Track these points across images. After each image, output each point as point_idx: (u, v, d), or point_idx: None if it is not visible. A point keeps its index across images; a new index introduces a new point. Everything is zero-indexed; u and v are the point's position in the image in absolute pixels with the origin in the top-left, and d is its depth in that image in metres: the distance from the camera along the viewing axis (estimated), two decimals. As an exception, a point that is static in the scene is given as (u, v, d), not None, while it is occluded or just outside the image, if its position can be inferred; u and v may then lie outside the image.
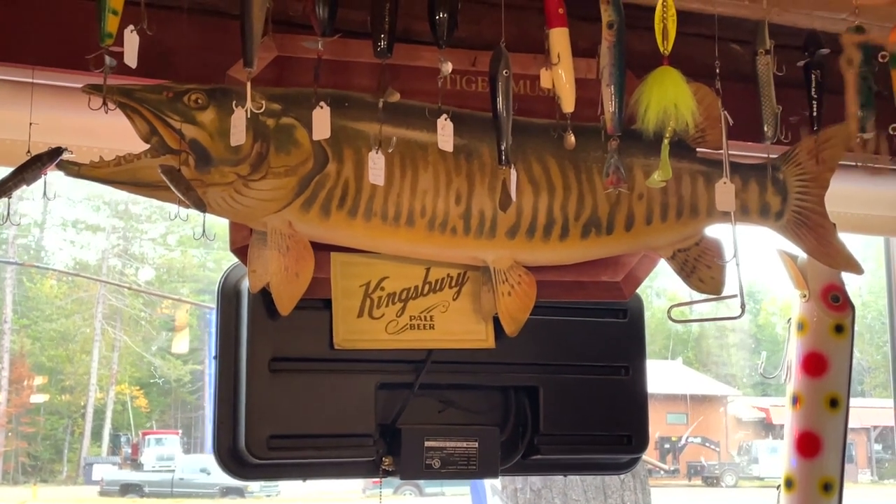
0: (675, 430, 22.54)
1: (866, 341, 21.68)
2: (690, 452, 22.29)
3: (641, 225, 2.11)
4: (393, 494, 17.37)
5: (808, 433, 2.28)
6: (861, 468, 22.55)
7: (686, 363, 25.88)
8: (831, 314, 2.31)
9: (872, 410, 19.29)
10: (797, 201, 2.22)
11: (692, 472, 21.41)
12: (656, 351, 24.05)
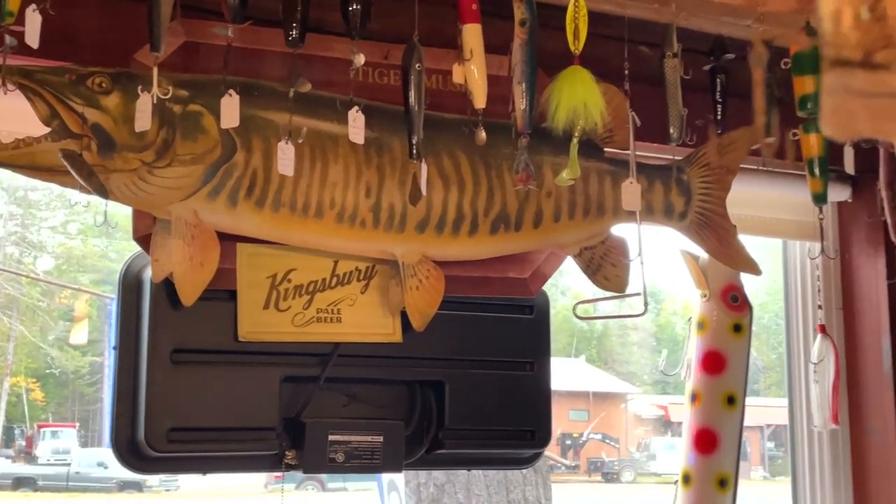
0: (577, 426, 22.87)
1: (763, 342, 22.34)
2: (591, 449, 22.64)
3: (549, 222, 2.13)
4: (295, 490, 17.21)
5: (706, 430, 2.33)
6: (754, 465, 23.22)
7: (589, 361, 26.28)
8: (730, 314, 2.36)
9: (766, 409, 19.87)
10: (700, 202, 2.27)
11: (592, 468, 21.75)
12: (560, 349, 24.36)
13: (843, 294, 2.75)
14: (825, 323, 2.60)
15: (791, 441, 2.75)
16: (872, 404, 2.65)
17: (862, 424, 2.68)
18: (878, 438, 2.63)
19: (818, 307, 2.57)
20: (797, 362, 2.71)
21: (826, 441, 2.69)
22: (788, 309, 2.76)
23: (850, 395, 2.70)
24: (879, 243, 2.59)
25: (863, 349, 2.68)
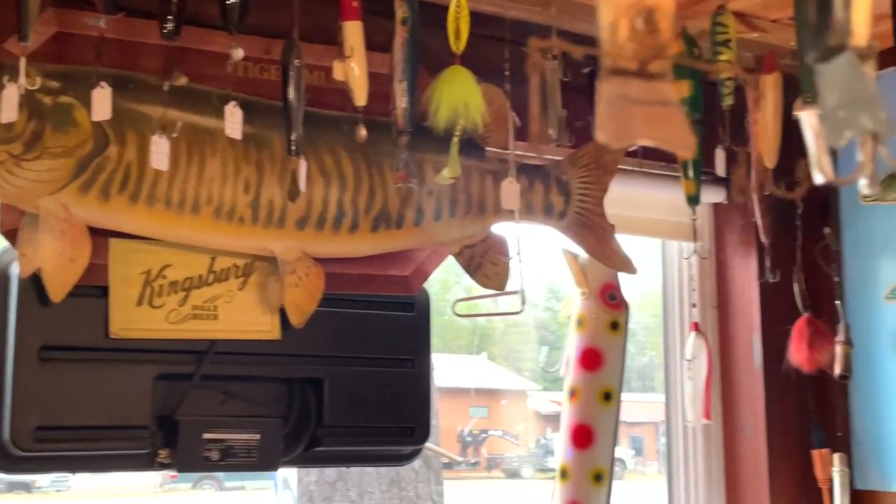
0: (478, 422, 23.01)
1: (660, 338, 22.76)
2: (491, 445, 22.81)
3: (431, 220, 2.14)
4: (192, 488, 16.91)
5: (583, 425, 2.38)
6: (649, 460, 23.73)
7: (490, 358, 26.45)
8: (608, 311, 2.41)
9: (661, 406, 20.28)
10: (579, 202, 2.31)
11: (493, 465, 21.91)
12: (462, 346, 24.45)
13: (717, 293, 2.83)
14: (699, 321, 2.68)
15: (667, 436, 2.82)
16: (744, 400, 2.74)
17: (734, 420, 2.76)
18: (749, 433, 2.72)
19: (692, 306, 2.65)
20: (673, 360, 2.78)
21: (700, 436, 2.77)
22: (666, 307, 2.83)
23: (723, 392, 2.78)
24: (752, 244, 2.67)
25: (736, 347, 2.77)
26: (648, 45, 0.68)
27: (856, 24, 0.67)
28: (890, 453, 2.58)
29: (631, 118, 0.67)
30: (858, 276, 2.68)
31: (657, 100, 0.68)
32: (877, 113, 0.69)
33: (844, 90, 0.69)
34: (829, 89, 0.71)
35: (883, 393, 2.61)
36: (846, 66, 0.68)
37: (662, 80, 0.69)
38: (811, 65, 0.70)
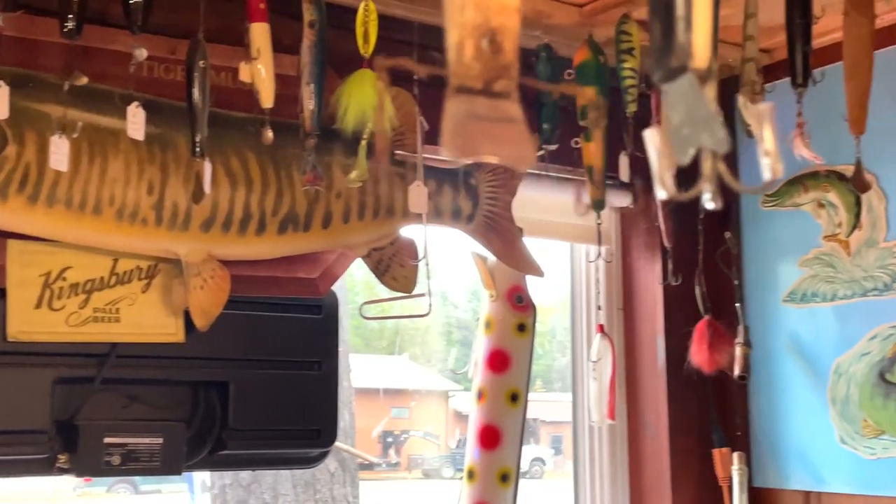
0: (399, 423, 23.01)
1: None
2: (412, 446, 22.83)
3: (339, 223, 2.15)
4: (106, 493, 16.59)
5: (490, 426, 2.40)
6: (567, 459, 24.01)
7: (413, 359, 26.50)
8: (515, 314, 2.44)
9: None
10: (487, 206, 2.34)
11: (413, 465, 21.93)
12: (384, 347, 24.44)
13: (623, 296, 2.88)
14: (605, 323, 2.73)
15: (573, 436, 2.86)
16: (648, 400, 2.80)
17: (638, 420, 2.82)
18: (652, 432, 2.78)
19: (598, 308, 2.70)
20: (580, 361, 2.83)
21: (605, 436, 2.82)
22: (573, 310, 2.88)
23: (628, 392, 2.84)
24: (656, 248, 2.73)
25: (641, 348, 2.83)
26: (493, 65, 0.70)
27: (696, 47, 0.70)
28: (787, 452, 2.67)
29: (476, 134, 0.69)
30: (758, 280, 2.76)
31: (501, 117, 0.71)
32: (715, 132, 0.72)
33: (686, 110, 0.72)
34: (673, 108, 0.74)
35: (780, 393, 2.69)
36: (687, 87, 0.71)
37: (507, 98, 0.71)
38: (658, 84, 0.73)
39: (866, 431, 2.48)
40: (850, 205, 2.54)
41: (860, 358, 2.50)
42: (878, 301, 2.48)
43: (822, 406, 2.58)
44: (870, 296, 2.49)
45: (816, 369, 2.60)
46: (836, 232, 2.58)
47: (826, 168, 2.55)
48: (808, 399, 2.62)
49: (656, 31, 0.71)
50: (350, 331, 5.63)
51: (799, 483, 2.63)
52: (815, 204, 2.63)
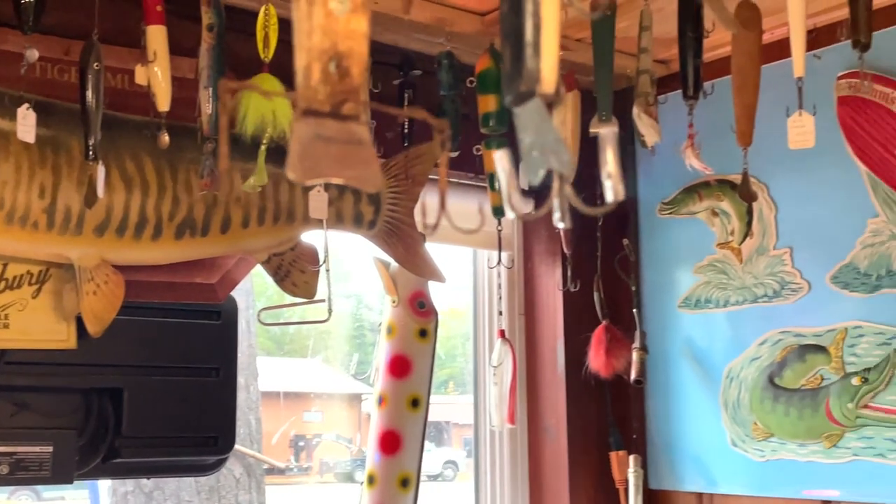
0: (311, 427, 22.85)
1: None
2: (324, 449, 22.70)
3: (238, 228, 2.13)
4: (7, 500, 16.11)
5: (391, 432, 2.41)
6: (481, 461, 24.11)
7: (325, 361, 26.35)
8: (417, 319, 2.45)
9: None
10: (389, 212, 2.35)
11: (325, 469, 21.81)
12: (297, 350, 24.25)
13: (525, 301, 2.92)
14: (507, 328, 2.76)
15: (474, 439, 2.89)
16: (548, 404, 2.84)
17: (538, 423, 2.86)
18: (552, 436, 2.82)
19: (499, 313, 2.72)
20: (482, 365, 2.85)
21: (506, 439, 2.85)
22: (476, 315, 2.90)
23: (528, 396, 2.87)
24: (557, 254, 2.77)
25: (541, 353, 2.86)
26: (340, 89, 0.71)
27: (544, 73, 0.72)
28: (681, 454, 2.73)
29: (322, 157, 0.70)
30: (655, 286, 2.82)
31: (348, 140, 0.72)
32: (561, 155, 0.75)
33: (535, 133, 0.74)
34: (524, 131, 0.76)
35: (675, 397, 2.75)
36: (535, 111, 0.73)
37: (355, 121, 0.72)
38: (508, 107, 0.75)
39: (756, 434, 2.55)
40: (742, 214, 2.61)
41: (751, 363, 2.58)
42: (767, 307, 2.55)
43: (714, 409, 2.65)
44: (760, 302, 2.57)
45: (709, 374, 2.67)
46: (728, 240, 2.66)
47: (719, 178, 2.62)
48: (701, 403, 2.69)
49: (507, 56, 0.73)
50: (261, 334, 5.58)
51: (693, 485, 2.70)
52: (709, 212, 2.70)
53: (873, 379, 2.32)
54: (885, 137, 2.33)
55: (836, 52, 2.34)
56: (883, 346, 2.31)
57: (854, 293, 2.38)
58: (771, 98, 2.08)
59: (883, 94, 2.33)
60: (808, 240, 2.49)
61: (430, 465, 4.76)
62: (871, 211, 2.36)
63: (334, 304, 2.38)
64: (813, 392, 2.44)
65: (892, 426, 2.28)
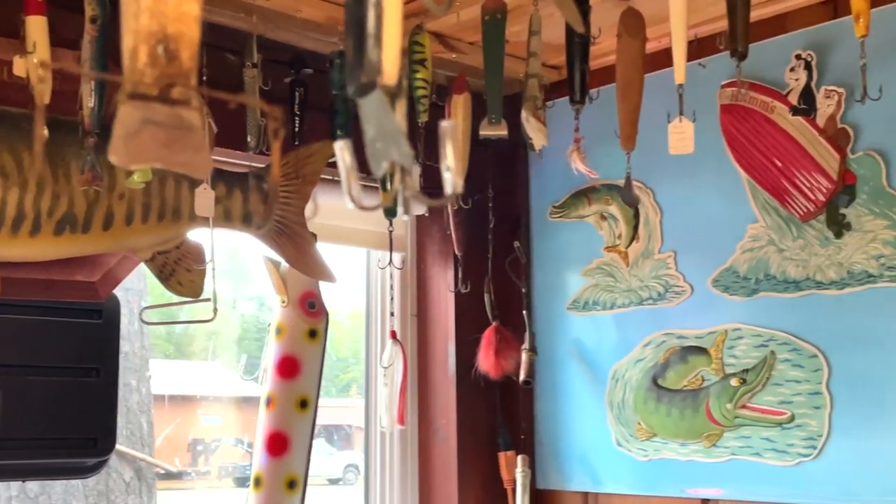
0: (210, 431, 22.53)
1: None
2: (223, 453, 22.40)
3: (121, 225, 2.08)
4: None
5: (278, 433, 2.38)
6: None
7: (225, 364, 25.96)
8: (307, 320, 2.43)
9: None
10: (279, 211, 2.32)
11: (224, 473, 21.52)
12: (197, 352, 23.87)
13: (417, 302, 2.92)
14: (399, 329, 2.76)
15: (365, 441, 2.88)
16: (439, 405, 2.85)
17: (429, 424, 2.86)
18: (442, 436, 2.83)
19: (391, 314, 2.72)
20: (373, 366, 2.84)
21: (396, 441, 2.85)
22: (368, 315, 2.90)
23: (420, 397, 2.88)
24: (449, 256, 2.78)
25: (433, 354, 2.87)
26: (169, 73, 0.70)
27: (385, 65, 0.73)
28: (568, 454, 2.77)
29: (150, 142, 0.70)
30: (545, 288, 2.85)
31: (178, 125, 0.71)
32: (401, 147, 0.75)
33: (377, 124, 0.75)
34: (367, 123, 0.77)
35: (563, 397, 2.79)
36: (377, 103, 0.74)
37: (185, 106, 0.72)
38: (352, 98, 0.76)
39: (640, 434, 2.61)
40: (629, 218, 2.67)
41: (635, 364, 2.63)
42: (652, 309, 2.61)
43: (600, 410, 2.70)
44: (645, 304, 2.62)
45: (596, 375, 2.72)
46: (616, 243, 2.70)
47: (607, 182, 2.67)
48: (588, 403, 2.73)
49: (349, 48, 0.73)
50: (159, 336, 5.45)
51: (579, 484, 2.73)
52: (598, 216, 2.74)
53: (751, 380, 2.39)
54: (764, 145, 2.40)
55: (721, 61, 2.39)
56: (760, 348, 2.38)
57: (734, 296, 2.45)
58: (658, 105, 2.13)
59: (763, 102, 2.40)
60: (692, 244, 2.55)
61: (331, 468, 4.77)
62: (750, 217, 2.43)
63: (237, 306, 2.34)
64: (694, 393, 2.50)
65: (768, 426, 2.35)
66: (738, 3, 1.84)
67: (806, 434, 2.30)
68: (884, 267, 2.20)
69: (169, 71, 0.69)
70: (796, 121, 2.35)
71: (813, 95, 2.33)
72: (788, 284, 2.35)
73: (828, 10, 2.33)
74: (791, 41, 2.38)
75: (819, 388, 2.28)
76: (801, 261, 2.33)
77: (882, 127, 2.23)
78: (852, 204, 2.26)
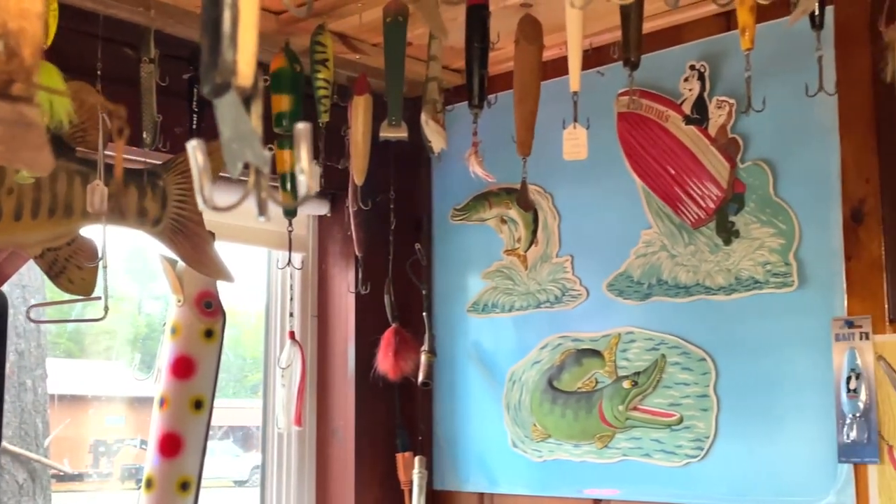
0: (113, 432, 22.03)
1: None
2: (127, 455, 21.93)
3: (9, 220, 2.03)
4: None
5: (172, 434, 2.35)
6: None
7: (130, 364, 25.43)
8: (203, 319, 2.40)
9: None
10: (176, 209, 2.29)
11: (127, 475, 21.08)
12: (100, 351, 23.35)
13: (318, 303, 2.91)
14: (299, 330, 2.75)
15: (262, 442, 2.85)
16: (338, 406, 2.84)
17: (327, 425, 2.85)
18: (340, 437, 2.82)
19: (290, 315, 2.71)
20: (272, 367, 2.82)
21: (294, 442, 2.83)
22: (268, 316, 2.87)
23: (319, 398, 2.87)
24: (350, 256, 2.78)
25: (333, 355, 2.86)
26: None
27: (240, 66, 0.73)
28: (465, 455, 2.79)
29: None
30: (446, 290, 2.87)
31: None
32: (255, 149, 0.76)
33: (233, 126, 0.75)
34: (223, 123, 0.77)
35: (461, 399, 2.81)
36: (232, 104, 0.74)
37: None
38: (207, 98, 0.76)
39: (535, 435, 2.64)
40: (529, 222, 2.70)
41: (532, 366, 2.67)
42: (549, 312, 2.65)
43: (497, 411, 2.72)
44: (543, 307, 2.66)
45: (494, 376, 2.74)
46: (515, 247, 2.74)
47: (508, 186, 2.70)
48: (486, 405, 2.76)
49: (205, 47, 0.73)
50: (61, 335, 5.32)
51: (475, 485, 2.76)
52: (498, 219, 2.77)
53: (642, 382, 2.44)
54: (658, 153, 2.46)
55: (619, 70, 2.42)
56: (652, 352, 2.44)
57: (628, 301, 2.50)
58: (558, 111, 2.16)
59: (659, 111, 2.46)
60: (588, 249, 2.59)
61: (238, 470, 4.69)
62: (644, 223, 2.49)
63: (142, 306, 2.30)
64: (588, 395, 2.54)
65: (658, 427, 2.41)
66: (631, 13, 1.88)
67: (694, 435, 2.36)
68: (769, 273, 2.27)
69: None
70: (689, 130, 2.41)
71: (706, 105, 2.39)
72: (679, 289, 2.41)
73: (721, 22, 2.39)
74: (686, 52, 2.44)
75: (707, 391, 2.34)
76: (692, 266, 2.39)
77: (770, 138, 2.30)
78: (741, 212, 2.33)
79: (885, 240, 2.11)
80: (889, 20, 1.90)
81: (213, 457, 3.20)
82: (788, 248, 2.25)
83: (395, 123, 2.24)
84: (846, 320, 2.14)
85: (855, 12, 2.18)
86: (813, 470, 2.17)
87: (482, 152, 2.19)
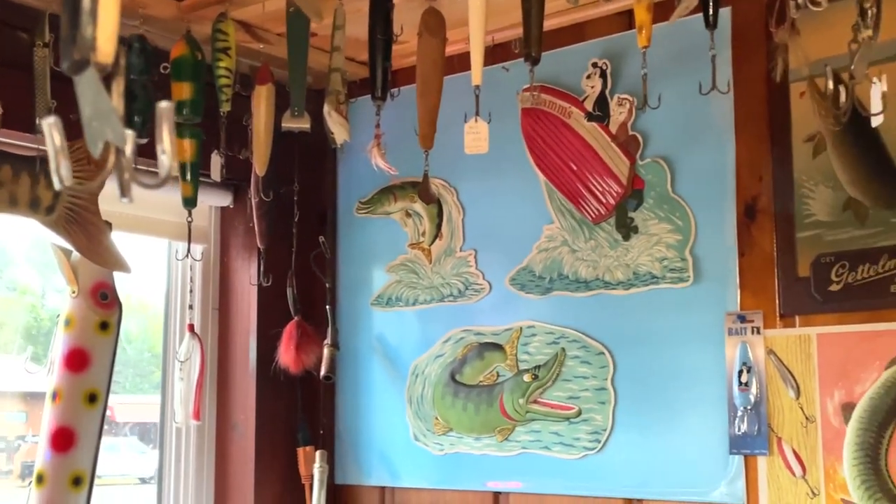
0: (14, 428, 21.42)
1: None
2: (28, 452, 21.34)
3: None
4: None
5: (65, 428, 2.29)
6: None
7: (34, 359, 24.78)
8: (98, 311, 2.35)
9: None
10: (70, 198, 2.24)
11: (28, 473, 20.51)
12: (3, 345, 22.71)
13: (220, 295, 2.87)
14: (199, 322, 2.71)
15: (160, 436, 2.80)
16: (238, 400, 2.80)
17: (227, 419, 2.82)
18: (240, 432, 2.79)
19: (189, 307, 2.66)
20: (170, 360, 2.77)
21: (192, 435, 2.79)
22: (168, 308, 2.82)
23: (219, 392, 2.83)
24: (253, 248, 2.74)
25: (234, 348, 2.83)
26: None
27: (100, 42, 0.72)
28: (367, 449, 2.78)
29: None
30: (350, 283, 2.86)
31: None
32: (115, 127, 0.75)
33: (93, 103, 0.74)
34: (83, 101, 0.75)
35: (364, 393, 2.80)
36: (91, 81, 0.73)
37: None
38: (67, 75, 0.74)
39: (437, 429, 2.64)
40: (433, 215, 2.70)
41: (435, 359, 2.67)
42: (452, 306, 2.65)
43: (400, 405, 2.72)
44: (446, 301, 2.67)
45: (397, 370, 2.74)
46: (419, 240, 2.74)
47: (413, 180, 2.69)
48: (388, 398, 2.75)
49: (64, 23, 0.72)
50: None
51: (377, 479, 2.75)
52: (403, 213, 2.77)
53: (542, 375, 2.46)
54: (560, 148, 2.48)
55: (524, 65, 2.45)
56: (552, 345, 2.46)
57: (529, 295, 2.52)
58: (463, 106, 2.16)
59: (562, 107, 2.48)
60: (492, 243, 2.61)
61: (143, 467, 4.59)
62: (546, 218, 2.51)
63: (47, 299, 2.24)
64: (489, 388, 2.56)
65: (557, 420, 2.43)
66: (532, 9, 1.89)
67: (591, 428, 2.39)
68: (666, 269, 2.31)
69: None
70: (591, 126, 2.44)
71: (607, 102, 2.42)
72: (580, 284, 2.44)
73: (622, 20, 2.43)
74: (588, 49, 2.47)
75: (605, 384, 2.38)
76: (592, 262, 2.43)
77: (668, 135, 2.34)
78: (640, 208, 2.36)
79: (777, 237, 2.17)
80: (780, 21, 1.95)
81: (117, 454, 3.13)
82: (685, 243, 2.29)
83: (298, 114, 2.22)
84: (738, 315, 2.19)
85: (751, 14, 2.23)
86: (706, 461, 2.21)
87: (386, 145, 2.18)
